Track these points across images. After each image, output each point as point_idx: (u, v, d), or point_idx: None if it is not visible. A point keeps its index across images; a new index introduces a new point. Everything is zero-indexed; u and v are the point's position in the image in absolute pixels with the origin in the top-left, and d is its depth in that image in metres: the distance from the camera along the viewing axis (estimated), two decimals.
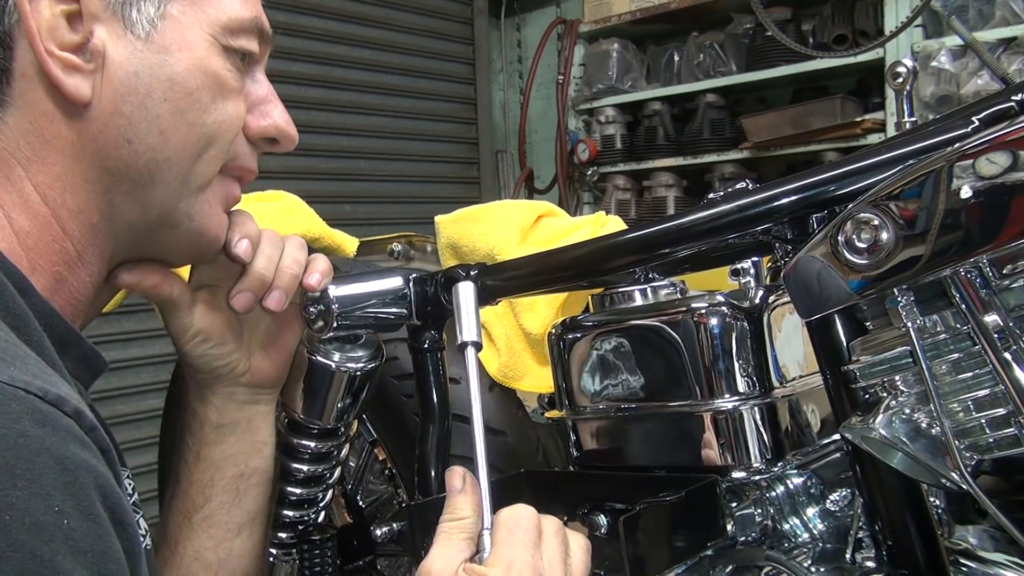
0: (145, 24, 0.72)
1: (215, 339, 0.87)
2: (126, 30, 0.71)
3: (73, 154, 0.71)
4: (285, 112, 0.83)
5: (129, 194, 0.74)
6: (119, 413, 2.78)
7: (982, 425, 0.67)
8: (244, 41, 0.78)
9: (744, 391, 0.86)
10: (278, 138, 0.82)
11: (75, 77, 0.69)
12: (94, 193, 0.73)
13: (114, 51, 0.71)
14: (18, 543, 0.48)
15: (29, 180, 0.70)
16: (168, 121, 0.73)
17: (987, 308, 0.66)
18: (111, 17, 0.71)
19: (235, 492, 0.91)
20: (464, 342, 0.85)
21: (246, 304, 0.85)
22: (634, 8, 3.73)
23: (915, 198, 0.66)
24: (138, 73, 0.71)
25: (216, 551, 0.90)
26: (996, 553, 0.82)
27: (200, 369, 0.89)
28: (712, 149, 3.56)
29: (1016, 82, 0.76)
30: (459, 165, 4.04)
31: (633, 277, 0.93)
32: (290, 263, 0.87)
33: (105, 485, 0.55)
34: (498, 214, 1.34)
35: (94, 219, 0.73)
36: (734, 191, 0.82)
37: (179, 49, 0.73)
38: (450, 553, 0.67)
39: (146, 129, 0.72)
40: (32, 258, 0.70)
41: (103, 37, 0.70)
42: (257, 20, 0.79)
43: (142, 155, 0.73)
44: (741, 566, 0.86)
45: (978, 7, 2.84)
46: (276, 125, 0.81)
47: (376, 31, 3.65)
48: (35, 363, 0.57)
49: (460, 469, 0.74)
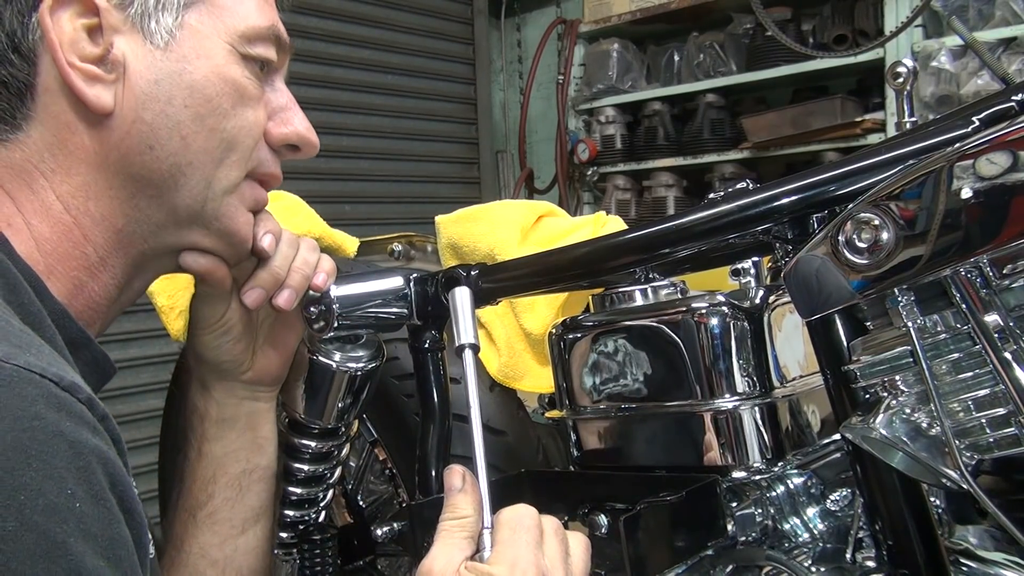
0: (164, 34, 0.74)
1: (235, 333, 0.89)
2: (145, 40, 0.73)
3: (97, 163, 0.73)
4: (306, 120, 0.84)
5: (154, 198, 0.76)
6: (119, 413, 2.78)
7: (982, 425, 0.67)
8: (262, 49, 0.79)
9: (744, 391, 0.86)
10: (299, 145, 0.84)
11: (97, 87, 0.71)
12: (119, 200, 0.74)
13: (134, 61, 0.73)
14: (31, 523, 0.49)
15: (52, 190, 0.72)
16: (189, 127, 0.75)
17: (987, 308, 0.66)
18: (131, 29, 0.73)
19: (238, 488, 0.91)
20: (462, 344, 0.85)
21: (258, 300, 0.86)
22: (634, 8, 3.73)
23: (915, 198, 0.66)
24: (158, 81, 0.73)
25: (222, 548, 0.90)
26: (996, 553, 0.82)
27: (209, 361, 0.90)
28: (712, 149, 3.56)
29: (1016, 82, 0.76)
30: (459, 165, 4.04)
31: (633, 277, 0.93)
32: (301, 263, 0.88)
33: (115, 473, 0.55)
34: (498, 214, 1.34)
35: (119, 224, 0.75)
36: (734, 191, 0.82)
37: (198, 57, 0.75)
38: (451, 551, 0.67)
39: (167, 135, 0.74)
40: (50, 263, 0.72)
41: (123, 48, 0.72)
42: (274, 28, 0.80)
43: (164, 160, 0.74)
44: (741, 566, 0.86)
45: (978, 7, 2.84)
46: (297, 132, 0.83)
47: (376, 31, 3.65)
48: (50, 352, 0.58)
49: (459, 468, 0.74)
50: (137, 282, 0.81)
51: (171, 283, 1.29)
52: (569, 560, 0.68)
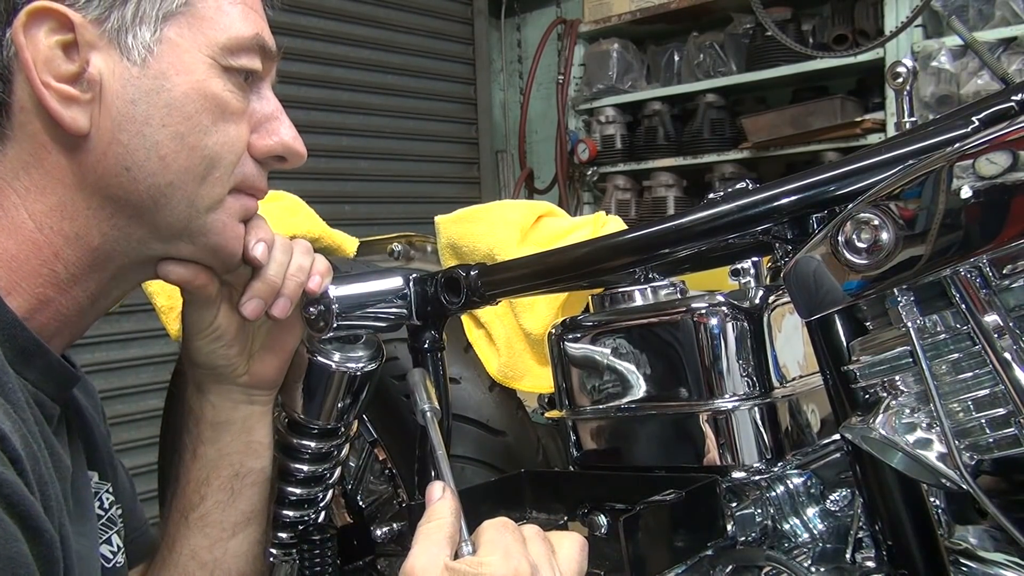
0: (141, 50, 0.72)
1: (227, 338, 0.88)
2: (122, 56, 0.71)
3: (73, 183, 0.71)
4: (292, 128, 0.82)
5: (134, 218, 0.74)
6: (119, 413, 2.78)
7: (982, 425, 0.67)
8: (245, 60, 0.77)
9: (744, 391, 0.86)
10: (285, 155, 0.82)
11: (72, 109, 0.70)
12: (96, 220, 0.73)
13: (111, 79, 0.71)
14: None
15: (24, 208, 0.71)
16: (168, 147, 0.73)
17: (987, 308, 0.66)
18: (107, 44, 0.71)
19: (230, 491, 0.91)
20: (423, 409, 0.86)
21: (257, 311, 0.85)
22: (634, 8, 3.73)
23: (915, 198, 0.66)
24: (135, 101, 0.71)
25: (211, 550, 0.90)
26: (996, 553, 0.82)
27: (202, 365, 0.89)
28: (712, 149, 3.56)
29: (1016, 82, 0.76)
30: (459, 165, 4.04)
31: (633, 277, 0.93)
32: (296, 271, 0.86)
33: (11, 493, 0.55)
34: (498, 214, 1.34)
35: (95, 243, 0.73)
36: (734, 191, 0.82)
37: (177, 73, 0.73)
38: (432, 550, 0.66)
39: (145, 156, 0.72)
40: (13, 279, 0.70)
41: (99, 66, 0.71)
42: (258, 37, 0.78)
43: (142, 182, 0.73)
44: (741, 566, 0.86)
45: (978, 7, 2.84)
46: (282, 143, 0.80)
47: (376, 31, 3.65)
48: None
49: (439, 482, 0.73)
50: (116, 291, 0.79)
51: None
52: (556, 558, 0.67)
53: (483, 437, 1.30)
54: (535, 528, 0.69)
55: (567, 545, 0.69)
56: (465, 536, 0.68)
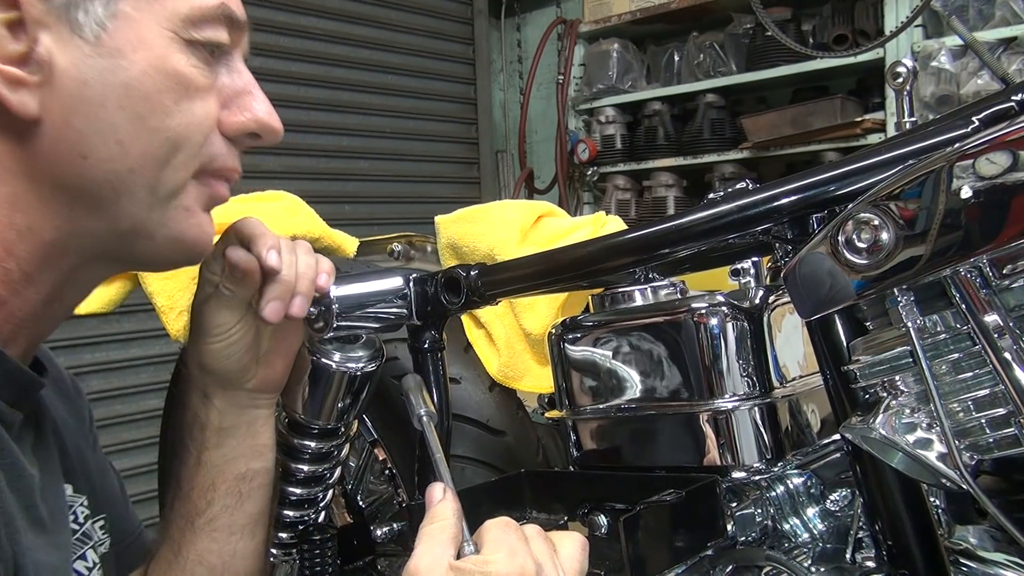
0: (94, 26, 0.66)
1: (245, 341, 0.86)
2: (73, 34, 0.65)
3: (24, 173, 0.66)
4: (267, 103, 0.76)
5: (92, 209, 0.69)
6: (119, 413, 2.78)
7: (982, 425, 0.67)
8: (210, 32, 0.71)
9: (744, 391, 0.86)
10: (259, 132, 0.76)
11: (20, 93, 0.64)
12: (50, 212, 0.68)
13: (61, 59, 0.65)
14: None
15: None
16: (126, 130, 0.67)
17: (987, 308, 0.66)
18: (56, 21, 0.65)
19: (238, 495, 0.90)
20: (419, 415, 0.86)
21: (279, 313, 0.82)
22: (634, 8, 3.73)
23: (915, 198, 0.66)
24: (88, 81, 0.66)
25: (220, 554, 0.90)
26: (996, 553, 0.82)
27: (213, 369, 0.87)
28: (712, 149, 3.56)
29: (1016, 82, 0.76)
30: (459, 165, 4.05)
31: (633, 277, 0.93)
32: (305, 268, 0.84)
33: None
34: (498, 214, 1.34)
35: (47, 237, 0.68)
36: (734, 191, 0.82)
37: (134, 50, 0.67)
38: (436, 550, 0.65)
39: (101, 141, 0.67)
40: None
41: (48, 45, 0.65)
42: (223, 7, 0.72)
43: (99, 169, 0.67)
44: (741, 566, 0.86)
45: (978, 7, 2.84)
46: (256, 119, 0.75)
47: (376, 31, 3.65)
48: None
49: (440, 484, 0.73)
50: (71, 292, 0.75)
51: (171, 283, 1.29)
52: (558, 557, 0.67)
53: (483, 437, 1.30)
54: (536, 528, 0.69)
55: (568, 545, 0.69)
56: (467, 537, 0.68)
